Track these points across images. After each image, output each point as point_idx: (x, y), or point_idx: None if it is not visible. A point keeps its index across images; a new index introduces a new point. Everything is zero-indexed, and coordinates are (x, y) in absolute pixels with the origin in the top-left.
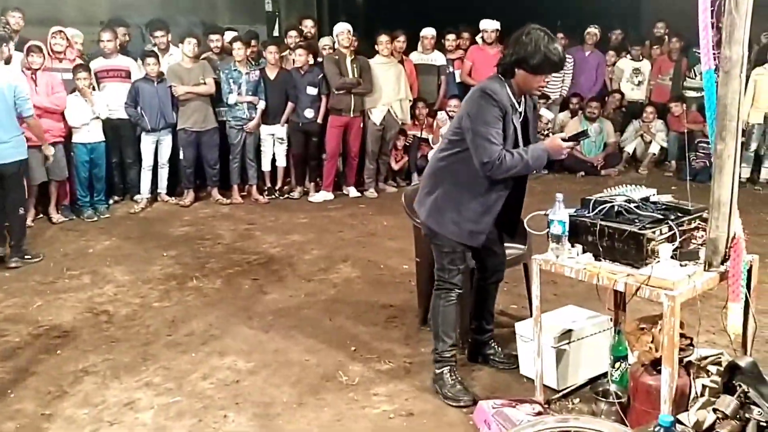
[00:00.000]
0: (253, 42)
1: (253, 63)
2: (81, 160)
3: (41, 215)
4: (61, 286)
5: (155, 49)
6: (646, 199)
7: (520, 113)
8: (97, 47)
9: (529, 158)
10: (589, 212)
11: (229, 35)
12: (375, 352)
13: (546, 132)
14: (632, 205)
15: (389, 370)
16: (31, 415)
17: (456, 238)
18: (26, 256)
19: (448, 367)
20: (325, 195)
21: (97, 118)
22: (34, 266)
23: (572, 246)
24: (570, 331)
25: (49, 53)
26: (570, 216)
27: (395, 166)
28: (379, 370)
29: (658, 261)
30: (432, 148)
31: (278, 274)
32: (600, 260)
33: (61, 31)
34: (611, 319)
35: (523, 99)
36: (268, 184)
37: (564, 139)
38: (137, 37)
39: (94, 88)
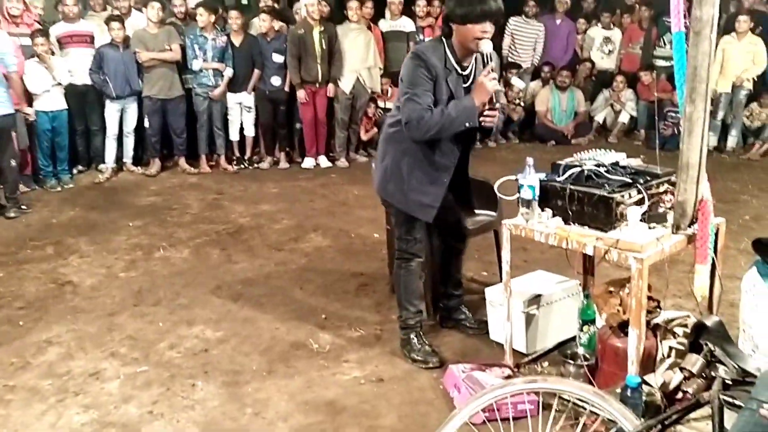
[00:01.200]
0: (218, 8)
1: (219, 29)
2: (42, 128)
3: None
4: (23, 257)
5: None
6: (615, 164)
7: (466, 76)
8: (58, 12)
9: (451, 111)
10: (559, 177)
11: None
12: (346, 319)
13: (517, 101)
14: (602, 170)
15: (360, 337)
16: None
17: (404, 208)
18: (22, 206)
19: (414, 332)
20: (310, 161)
21: (59, 84)
22: None
23: (542, 210)
24: (539, 295)
25: (5, 18)
26: (540, 180)
27: (364, 137)
28: (350, 338)
29: (627, 224)
30: None
31: (247, 244)
32: (570, 224)
33: None
34: (580, 284)
35: (473, 61)
36: (237, 154)
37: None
38: None
39: (53, 53)
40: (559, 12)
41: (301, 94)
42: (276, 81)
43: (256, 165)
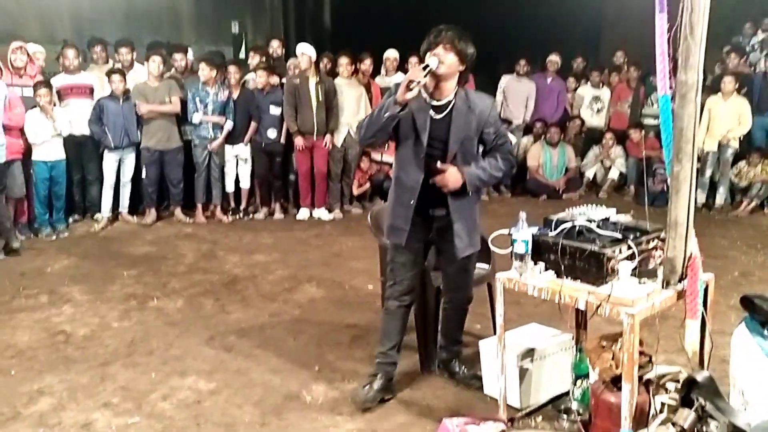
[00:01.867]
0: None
1: (221, 83)
2: (41, 177)
3: None
4: (16, 306)
5: (120, 66)
6: (606, 219)
7: (440, 107)
8: (58, 64)
9: (377, 109)
10: (551, 231)
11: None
12: (339, 371)
13: None
14: (593, 225)
15: (353, 389)
16: None
17: (385, 235)
18: None
19: (379, 374)
20: (304, 212)
21: (59, 135)
22: None
23: (535, 264)
24: (533, 349)
25: (9, 69)
26: (533, 235)
27: (355, 191)
28: (344, 390)
29: (618, 279)
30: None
31: (241, 294)
32: (562, 278)
33: (21, 47)
34: (573, 338)
35: (452, 97)
36: (232, 205)
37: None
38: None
39: (54, 105)
40: (549, 71)
41: (299, 141)
42: (272, 134)
43: (251, 216)
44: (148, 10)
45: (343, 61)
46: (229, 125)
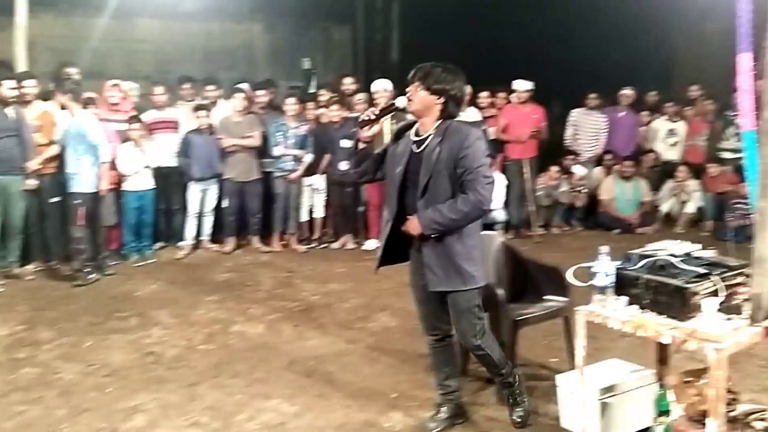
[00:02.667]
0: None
1: (301, 118)
2: (130, 206)
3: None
4: (109, 327)
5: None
6: (688, 254)
7: (420, 142)
8: (144, 100)
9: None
10: (633, 265)
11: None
12: (416, 399)
13: (578, 188)
14: (676, 260)
15: (425, 418)
16: None
17: None
18: (89, 277)
19: (443, 404)
20: (372, 243)
21: (148, 166)
22: (84, 307)
23: (617, 298)
24: (614, 384)
25: (105, 105)
26: (615, 268)
27: None
28: (421, 418)
29: (703, 315)
30: None
31: (318, 321)
32: (645, 312)
33: (117, 84)
34: (654, 373)
35: (434, 128)
36: (307, 234)
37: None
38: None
39: (143, 138)
40: (622, 104)
41: None
42: (344, 166)
43: (324, 245)
44: (225, 48)
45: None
46: (308, 158)
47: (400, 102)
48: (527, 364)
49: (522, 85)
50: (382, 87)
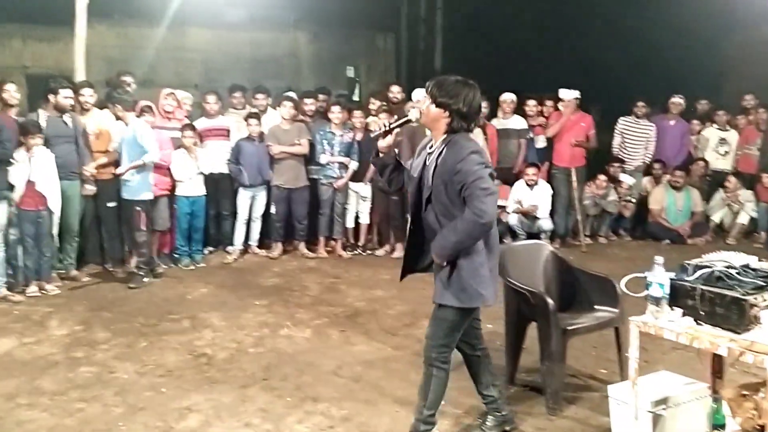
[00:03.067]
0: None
1: (346, 126)
2: (183, 211)
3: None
4: (163, 329)
5: (245, 110)
6: (746, 266)
7: (432, 153)
8: (195, 108)
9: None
10: (688, 276)
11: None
12: (463, 407)
13: (628, 198)
14: (733, 271)
15: (478, 425)
16: None
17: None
18: (144, 279)
19: (488, 414)
20: None
21: (200, 173)
22: (139, 309)
23: (671, 309)
24: (667, 396)
25: (160, 113)
26: (670, 279)
27: None
28: (469, 425)
29: (761, 326)
30: (508, 213)
31: (364, 327)
32: (700, 324)
33: (172, 93)
34: (709, 386)
35: (440, 141)
36: (352, 240)
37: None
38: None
39: (197, 145)
40: (672, 113)
41: None
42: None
43: (369, 252)
44: (272, 57)
45: None
46: (354, 165)
47: (413, 114)
48: (576, 374)
49: (567, 94)
50: (422, 95)
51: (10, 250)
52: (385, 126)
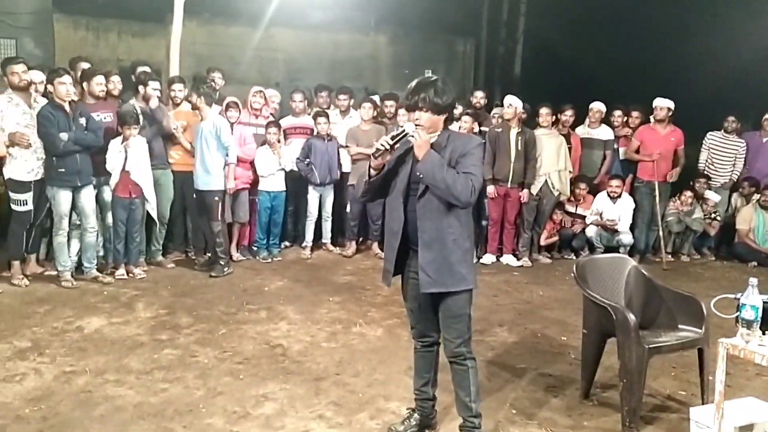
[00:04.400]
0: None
1: None
2: (263, 206)
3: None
4: (241, 318)
5: (332, 109)
6: None
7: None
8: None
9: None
10: None
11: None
12: (535, 418)
13: (713, 216)
14: None
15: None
16: (221, 430)
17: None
18: (225, 269)
19: (416, 410)
20: (489, 258)
21: (282, 169)
22: (219, 297)
23: (763, 333)
24: (753, 423)
25: (247, 109)
26: (764, 302)
27: (542, 242)
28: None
29: None
30: (587, 225)
31: None
32: None
33: (261, 91)
34: None
35: (433, 142)
36: None
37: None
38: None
39: (280, 142)
40: (765, 130)
41: (490, 190)
42: None
43: None
44: (351, 58)
45: (544, 111)
46: None
47: (409, 127)
48: (654, 394)
49: (663, 102)
50: (508, 102)
51: (103, 233)
52: (384, 145)
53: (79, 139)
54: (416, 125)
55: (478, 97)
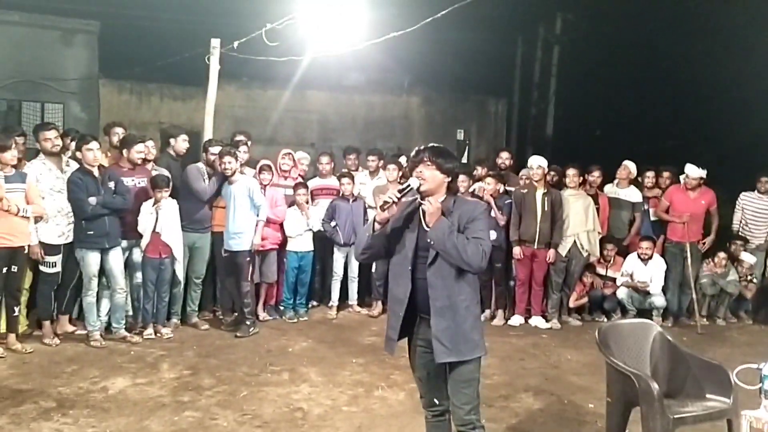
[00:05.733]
0: None
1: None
2: (291, 266)
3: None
4: (263, 380)
5: (358, 171)
6: None
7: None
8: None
9: (366, 227)
10: None
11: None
12: None
13: (749, 278)
14: None
15: None
16: None
17: None
18: (250, 329)
19: None
20: (518, 319)
21: (310, 230)
22: (243, 358)
23: None
24: None
25: (277, 171)
26: None
27: (572, 304)
28: None
29: None
30: (618, 287)
31: None
32: None
33: (290, 153)
34: None
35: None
36: None
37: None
38: None
39: (308, 203)
40: None
41: (516, 251)
42: (492, 235)
43: None
44: (384, 118)
45: (571, 172)
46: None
47: (414, 183)
48: None
49: (694, 172)
50: (536, 163)
51: (132, 293)
52: (392, 197)
53: (108, 203)
54: (420, 179)
55: (504, 158)
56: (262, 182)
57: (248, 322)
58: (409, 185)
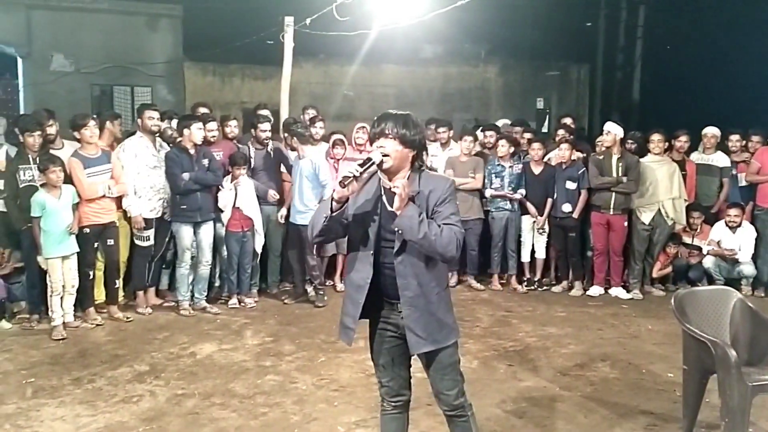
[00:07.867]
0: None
1: (516, 158)
2: None
3: (330, 282)
4: (340, 347)
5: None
6: None
7: (392, 196)
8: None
9: (319, 208)
10: None
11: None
12: None
13: None
14: None
15: None
16: None
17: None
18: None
19: None
20: (597, 290)
21: None
22: (321, 326)
23: None
24: None
25: (352, 145)
26: None
27: (655, 273)
28: None
29: None
30: (704, 256)
31: (533, 363)
32: None
33: (364, 127)
34: None
35: (408, 181)
36: (527, 275)
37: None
38: None
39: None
40: None
41: (595, 219)
42: (567, 207)
43: (545, 287)
44: (461, 90)
45: (656, 137)
46: (517, 197)
47: (376, 156)
48: None
49: None
50: (607, 129)
51: (218, 266)
52: (353, 172)
53: (199, 179)
54: (382, 154)
55: (567, 123)
56: (335, 156)
57: (319, 293)
58: (371, 159)
